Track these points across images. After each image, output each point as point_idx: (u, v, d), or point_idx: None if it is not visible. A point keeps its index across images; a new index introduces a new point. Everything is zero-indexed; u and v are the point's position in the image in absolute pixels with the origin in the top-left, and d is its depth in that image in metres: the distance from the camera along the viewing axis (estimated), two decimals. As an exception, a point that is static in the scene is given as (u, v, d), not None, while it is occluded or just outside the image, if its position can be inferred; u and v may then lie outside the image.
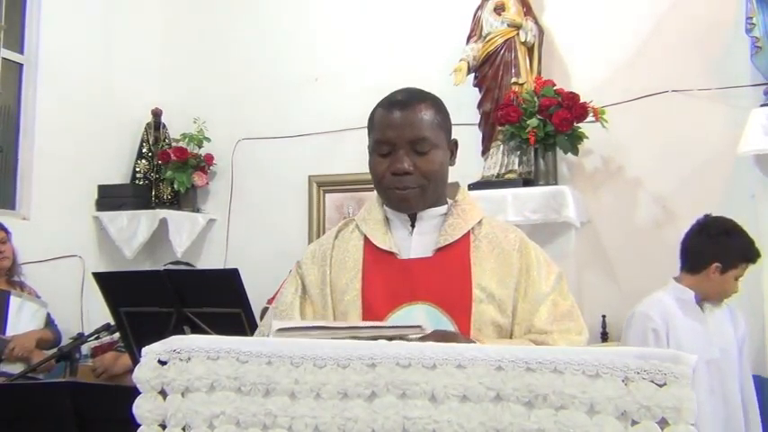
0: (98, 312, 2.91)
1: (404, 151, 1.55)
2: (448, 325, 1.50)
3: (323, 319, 1.59)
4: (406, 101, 1.60)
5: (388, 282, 1.57)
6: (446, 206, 1.64)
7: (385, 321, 1.50)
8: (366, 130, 1.65)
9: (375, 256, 1.60)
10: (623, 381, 0.98)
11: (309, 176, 4.69)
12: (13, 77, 4.36)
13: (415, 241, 1.60)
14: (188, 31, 5.08)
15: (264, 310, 3.34)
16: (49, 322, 3.74)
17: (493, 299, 1.54)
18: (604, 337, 3.80)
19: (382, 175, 1.59)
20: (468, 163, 4.01)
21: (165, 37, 5.09)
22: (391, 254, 1.59)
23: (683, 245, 2.87)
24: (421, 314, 1.51)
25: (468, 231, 1.60)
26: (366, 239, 1.63)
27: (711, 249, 2.73)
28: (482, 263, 1.57)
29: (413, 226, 1.62)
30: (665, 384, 0.96)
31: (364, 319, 1.53)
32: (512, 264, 1.57)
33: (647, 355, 0.98)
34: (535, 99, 3.79)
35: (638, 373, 0.97)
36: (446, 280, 1.55)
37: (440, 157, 1.58)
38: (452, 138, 1.65)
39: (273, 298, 3.54)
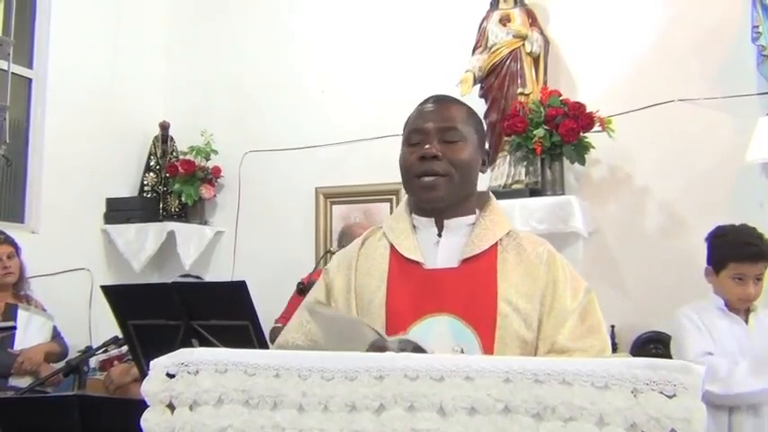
0: (106, 325, 2.91)
1: (434, 139, 1.55)
2: (471, 338, 1.47)
3: None
4: (442, 97, 1.64)
5: (412, 292, 1.54)
6: (474, 216, 1.61)
7: (406, 332, 1.46)
8: (373, 143, 1.67)
9: (401, 265, 1.57)
10: (632, 392, 0.97)
11: (316, 188, 4.70)
12: (22, 92, 4.39)
13: (442, 250, 1.57)
14: (195, 45, 5.11)
15: (273, 330, 3.33)
16: (56, 335, 3.75)
17: (518, 313, 1.50)
18: (614, 347, 3.79)
19: (411, 163, 1.56)
20: (475, 174, 4.02)
21: (173, 50, 5.13)
22: (417, 263, 1.56)
23: None
24: (444, 326, 1.49)
25: (496, 243, 1.56)
26: (392, 248, 1.60)
27: (707, 254, 2.72)
28: (508, 276, 1.53)
29: (440, 235, 1.58)
30: (674, 396, 0.95)
31: (388, 328, 1.50)
32: (538, 277, 1.53)
33: (656, 365, 0.98)
34: (541, 109, 3.79)
35: (648, 384, 0.96)
36: (471, 292, 1.51)
37: (469, 151, 1.56)
38: (487, 149, 1.66)
39: (282, 317, 3.58)
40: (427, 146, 1.54)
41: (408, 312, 1.52)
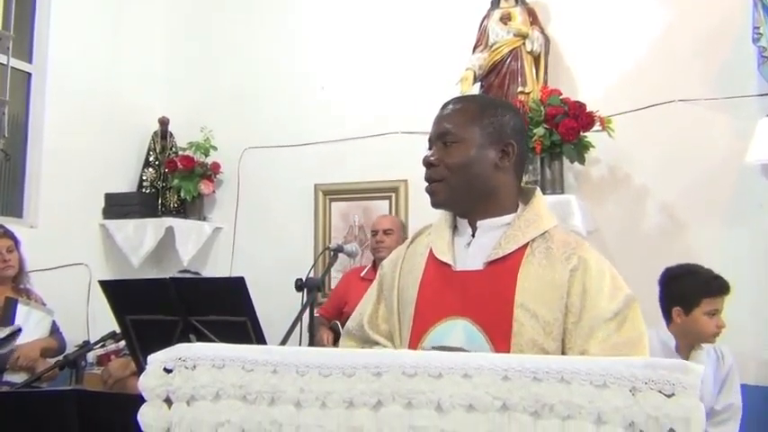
0: (104, 320, 2.91)
1: (435, 145, 1.58)
2: (483, 344, 1.44)
3: (388, 323, 1.65)
4: (449, 102, 1.63)
5: (439, 293, 1.54)
6: (511, 216, 1.57)
7: (426, 334, 1.50)
8: (373, 140, 1.68)
9: (435, 266, 1.58)
10: (631, 391, 0.96)
11: (315, 185, 4.69)
12: (22, 86, 4.38)
13: (472, 252, 1.55)
14: (195, 41, 5.11)
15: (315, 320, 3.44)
16: (55, 330, 3.74)
17: (537, 320, 1.44)
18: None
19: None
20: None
21: (172, 46, 5.12)
22: (448, 264, 1.56)
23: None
24: (459, 330, 1.47)
25: (527, 244, 1.51)
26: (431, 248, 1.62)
27: (669, 296, 2.77)
28: (530, 280, 1.47)
29: (473, 236, 1.57)
30: (673, 395, 0.95)
31: (414, 329, 1.53)
32: (562, 284, 1.46)
33: (655, 364, 0.97)
34: (541, 108, 3.79)
35: (646, 383, 0.96)
36: (489, 296, 1.48)
37: (466, 152, 1.53)
38: (508, 141, 1.56)
39: (323, 307, 3.85)
40: (428, 153, 1.57)
41: (432, 314, 1.52)
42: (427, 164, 1.56)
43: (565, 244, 1.52)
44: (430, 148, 1.59)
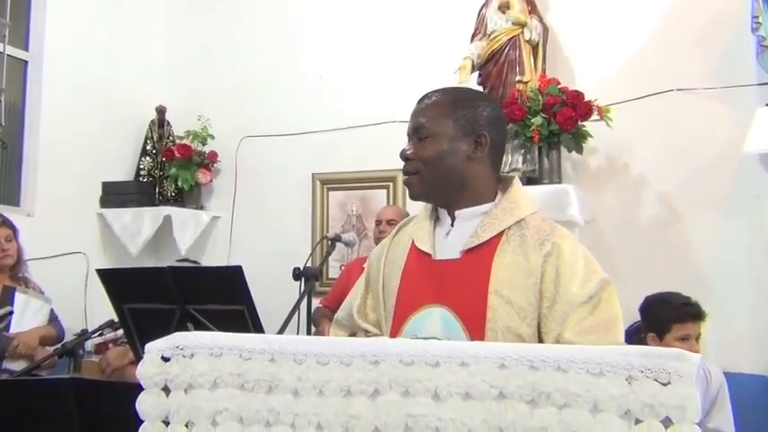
0: (102, 309, 2.91)
1: (411, 140, 1.62)
2: (459, 331, 1.47)
3: (376, 312, 1.69)
4: (427, 95, 1.65)
5: (419, 282, 1.57)
6: (489, 204, 1.59)
7: (405, 323, 1.54)
8: (370, 129, 1.70)
9: (416, 256, 1.62)
10: (627, 379, 0.97)
11: (313, 174, 4.69)
12: (18, 74, 4.37)
13: (450, 242, 1.59)
14: (192, 29, 5.08)
15: (316, 310, 3.56)
16: (53, 318, 3.74)
17: (511, 306, 1.47)
18: (608, 336, 3.81)
19: None
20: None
21: (170, 34, 5.10)
22: (429, 254, 1.59)
23: None
24: (437, 318, 1.51)
25: (502, 232, 1.54)
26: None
27: (646, 323, 2.91)
28: (505, 267, 1.50)
29: (453, 225, 1.61)
30: (669, 383, 0.95)
31: (395, 317, 1.57)
32: (536, 270, 1.48)
33: (651, 353, 0.98)
34: (539, 97, 3.78)
35: (642, 371, 0.96)
36: (465, 284, 1.51)
37: (438, 144, 1.57)
38: (481, 131, 1.58)
39: (326, 298, 3.88)
40: (405, 147, 1.62)
41: (412, 302, 1.56)
42: (404, 158, 1.61)
43: (539, 230, 1.54)
44: (409, 142, 1.63)
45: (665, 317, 2.82)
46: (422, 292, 1.55)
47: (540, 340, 1.47)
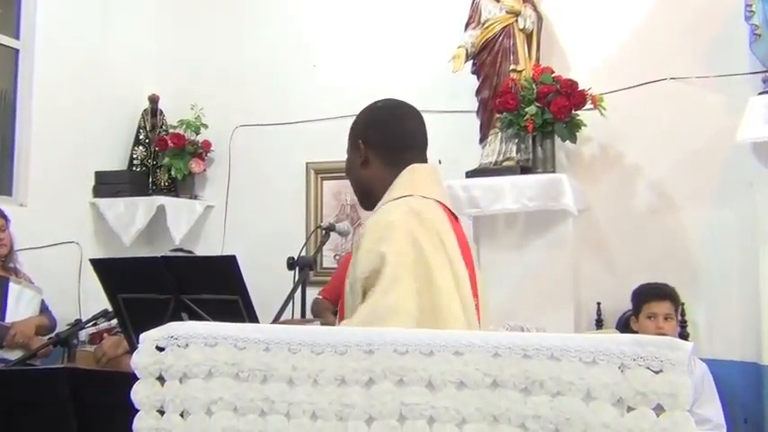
0: (95, 299, 2.91)
1: None
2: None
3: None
4: None
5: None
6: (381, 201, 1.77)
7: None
8: None
9: None
10: (619, 367, 0.98)
11: (307, 163, 4.68)
12: (9, 63, 4.34)
13: None
14: (186, 18, 5.05)
15: (315, 302, 3.66)
16: (45, 308, 3.75)
17: (352, 292, 1.64)
18: (599, 324, 3.83)
19: None
20: (466, 151, 4.01)
21: (163, 23, 5.06)
22: None
23: None
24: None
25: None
26: None
27: (633, 310, 3.42)
28: (352, 260, 1.69)
29: None
30: (661, 371, 0.96)
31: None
32: (354, 260, 1.66)
33: (643, 341, 0.98)
34: (533, 86, 3.78)
35: (635, 359, 0.97)
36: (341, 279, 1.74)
37: (348, 161, 1.85)
38: (357, 139, 1.81)
39: (324, 290, 3.84)
40: None
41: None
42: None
43: (368, 223, 1.70)
44: None
45: (638, 299, 3.34)
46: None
47: None
